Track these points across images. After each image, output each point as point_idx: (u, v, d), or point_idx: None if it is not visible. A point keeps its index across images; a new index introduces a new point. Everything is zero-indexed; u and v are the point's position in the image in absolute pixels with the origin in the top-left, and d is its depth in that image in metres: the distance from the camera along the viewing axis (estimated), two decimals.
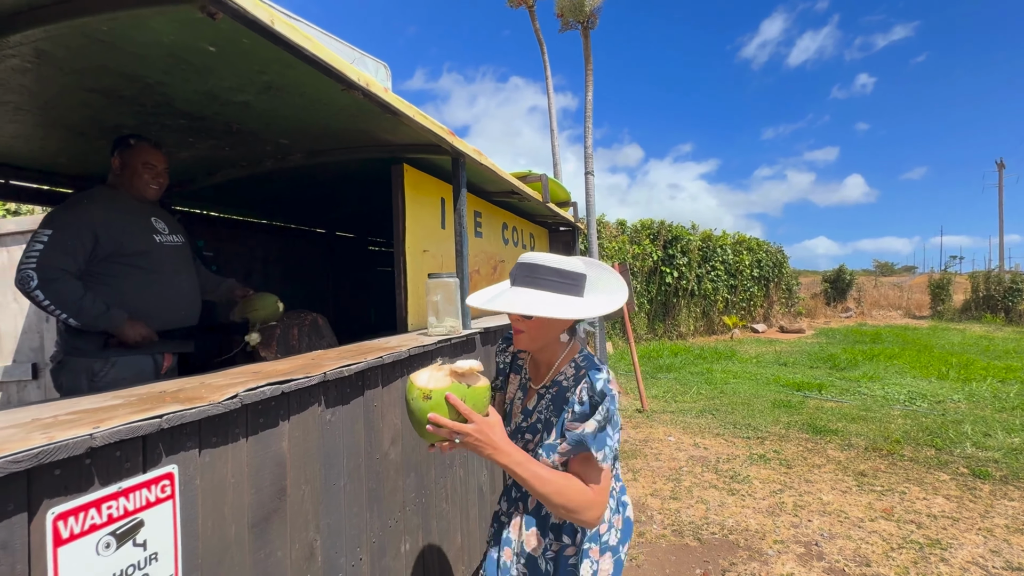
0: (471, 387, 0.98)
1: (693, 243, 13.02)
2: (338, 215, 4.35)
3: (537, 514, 1.16)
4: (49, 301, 1.70)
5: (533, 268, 1.09)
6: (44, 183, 2.42)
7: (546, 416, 1.13)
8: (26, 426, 0.77)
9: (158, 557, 0.82)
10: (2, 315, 2.76)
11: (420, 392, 0.96)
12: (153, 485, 0.82)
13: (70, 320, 1.74)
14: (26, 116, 1.77)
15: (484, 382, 1.02)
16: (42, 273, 1.68)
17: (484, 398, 1.01)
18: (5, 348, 2.74)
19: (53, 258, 1.70)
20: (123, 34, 1.31)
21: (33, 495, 0.67)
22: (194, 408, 0.88)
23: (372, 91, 1.57)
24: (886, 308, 19.00)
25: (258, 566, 1.03)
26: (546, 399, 1.15)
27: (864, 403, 5.72)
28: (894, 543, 2.76)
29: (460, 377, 0.98)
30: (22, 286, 1.69)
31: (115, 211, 1.87)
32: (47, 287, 1.69)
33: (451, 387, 0.96)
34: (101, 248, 1.81)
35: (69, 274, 1.74)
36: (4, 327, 2.75)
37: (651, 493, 3.49)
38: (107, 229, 1.81)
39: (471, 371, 0.99)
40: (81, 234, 1.76)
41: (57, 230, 1.73)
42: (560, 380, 1.14)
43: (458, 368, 0.99)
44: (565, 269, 1.08)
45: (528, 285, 1.08)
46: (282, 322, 2.31)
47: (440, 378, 0.97)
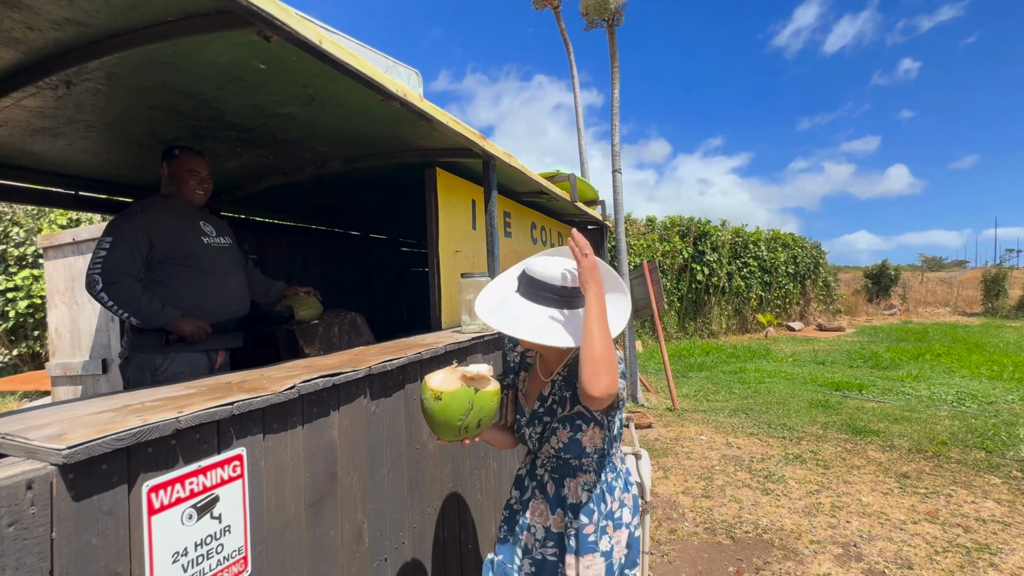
0: (479, 391, 1.05)
1: (724, 239, 12.74)
2: (373, 218, 4.50)
3: (558, 496, 1.22)
4: (113, 302, 1.86)
5: (538, 285, 1.13)
6: (109, 193, 2.62)
7: (560, 394, 1.20)
8: (121, 410, 0.87)
9: (231, 530, 0.92)
10: (80, 315, 3.00)
11: (432, 392, 1.03)
12: (226, 465, 0.91)
13: (131, 318, 1.90)
14: (96, 133, 1.94)
15: (493, 386, 1.08)
16: (106, 276, 1.86)
17: (491, 402, 1.08)
18: (84, 345, 2.99)
19: (115, 262, 1.87)
20: (185, 56, 1.43)
21: (132, 469, 0.77)
22: (259, 397, 0.97)
23: (409, 100, 1.65)
24: (933, 305, 18.08)
25: (314, 543, 1.12)
26: (559, 381, 1.21)
27: (908, 403, 5.50)
28: (939, 546, 2.68)
29: (469, 381, 1.05)
30: (90, 289, 1.87)
31: (167, 217, 2.02)
32: (110, 289, 1.86)
33: (460, 391, 1.03)
34: (156, 252, 1.97)
35: (129, 276, 1.91)
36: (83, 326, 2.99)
37: (683, 491, 3.47)
38: (160, 234, 1.97)
39: (479, 376, 1.05)
40: (138, 239, 1.92)
41: (117, 237, 1.90)
42: (571, 363, 1.21)
43: (467, 372, 1.05)
44: (568, 287, 1.12)
45: (534, 300, 1.13)
46: (323, 320, 2.44)
47: (452, 381, 1.04)
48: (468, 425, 1.06)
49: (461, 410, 1.03)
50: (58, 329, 3.14)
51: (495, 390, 1.09)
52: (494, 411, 1.10)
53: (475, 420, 1.06)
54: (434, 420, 1.05)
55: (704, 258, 12.32)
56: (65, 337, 3.11)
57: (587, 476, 1.21)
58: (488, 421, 1.11)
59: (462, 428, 1.06)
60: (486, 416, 1.09)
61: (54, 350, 3.16)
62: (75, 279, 3.08)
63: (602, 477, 1.23)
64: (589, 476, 1.21)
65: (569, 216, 4.71)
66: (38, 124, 1.81)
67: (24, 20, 1.24)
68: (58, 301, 3.14)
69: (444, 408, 1.02)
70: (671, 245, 11.97)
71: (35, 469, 0.66)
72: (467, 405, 1.03)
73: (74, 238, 3.05)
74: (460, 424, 1.05)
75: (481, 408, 1.06)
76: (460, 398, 1.03)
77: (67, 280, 3.11)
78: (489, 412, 1.09)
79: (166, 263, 2.00)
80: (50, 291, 3.18)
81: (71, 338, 3.08)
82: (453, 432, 1.06)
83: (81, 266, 3.05)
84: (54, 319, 3.15)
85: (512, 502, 1.33)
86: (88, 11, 1.21)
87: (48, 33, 1.30)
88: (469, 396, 1.04)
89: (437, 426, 1.06)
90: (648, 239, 11.77)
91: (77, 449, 0.69)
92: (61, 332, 3.13)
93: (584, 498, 1.19)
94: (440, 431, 1.07)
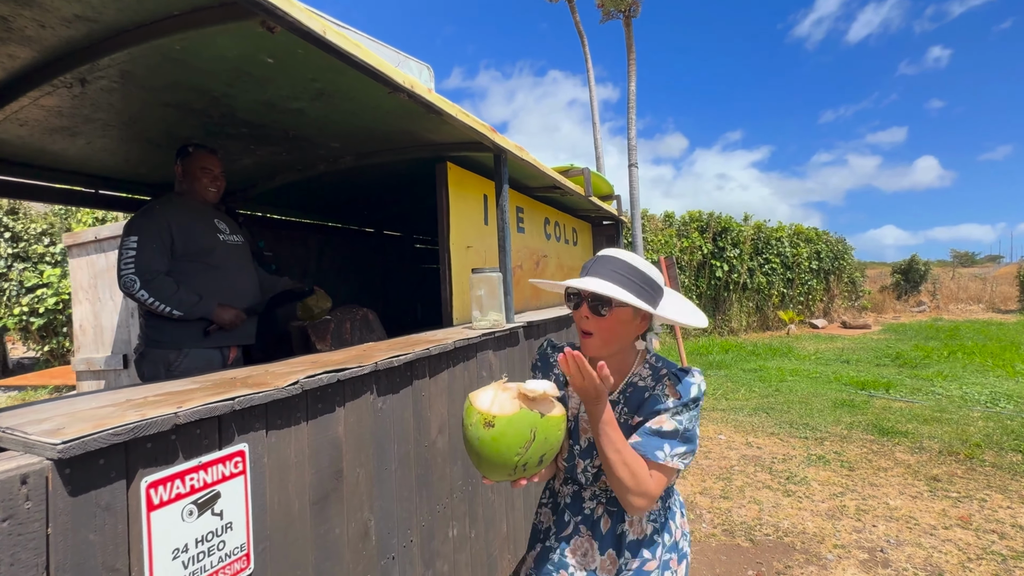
0: (545, 416, 0.82)
1: (745, 234, 12.47)
2: (385, 214, 4.51)
3: (613, 535, 1.07)
4: (153, 298, 1.91)
5: (616, 263, 1.00)
6: (127, 191, 2.67)
7: (623, 420, 1.05)
8: (121, 405, 0.87)
9: (232, 527, 0.91)
10: (103, 311, 3.08)
11: (482, 417, 0.80)
12: (227, 461, 0.90)
13: (173, 312, 1.95)
14: (113, 131, 1.96)
15: (559, 410, 0.87)
16: (142, 275, 1.91)
17: (559, 430, 0.85)
18: (106, 340, 3.07)
19: (147, 260, 1.92)
20: (194, 52, 1.43)
21: (130, 464, 0.76)
22: (261, 392, 0.96)
23: (416, 92, 1.62)
24: (966, 302, 17.41)
25: (318, 540, 1.11)
26: (620, 404, 1.06)
27: (938, 403, 5.29)
28: (972, 553, 2.56)
29: (531, 403, 0.82)
30: (127, 289, 1.91)
31: (184, 214, 2.06)
32: (148, 286, 1.91)
33: (520, 415, 0.80)
34: (176, 248, 2.01)
35: (161, 273, 1.96)
36: (105, 322, 3.07)
37: (700, 492, 3.40)
38: (179, 230, 2.01)
39: (544, 396, 0.82)
40: (161, 236, 1.96)
41: (142, 236, 1.93)
42: (635, 381, 1.06)
43: (527, 391, 0.82)
44: (648, 274, 1.00)
45: (606, 278, 0.98)
46: (335, 316, 2.44)
47: (506, 401, 0.82)
48: (528, 462, 0.82)
49: (520, 441, 0.79)
50: (82, 325, 3.23)
51: (562, 415, 0.87)
52: (560, 442, 0.86)
53: (537, 455, 0.82)
54: (482, 454, 0.81)
55: (724, 254, 12.09)
56: (89, 333, 3.19)
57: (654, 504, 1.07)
58: (552, 455, 0.87)
59: (519, 466, 0.81)
60: (550, 450, 0.85)
61: (79, 345, 3.25)
62: (97, 276, 3.16)
63: (666, 503, 1.10)
64: (655, 504, 1.07)
65: (584, 211, 4.65)
66: (56, 123, 1.84)
67: (36, 18, 1.25)
68: (82, 297, 3.22)
69: (498, 439, 0.78)
70: (690, 241, 11.77)
71: (30, 464, 0.66)
72: (528, 435, 0.80)
73: (96, 236, 3.13)
74: (518, 460, 0.80)
75: (546, 439, 0.82)
76: (520, 425, 0.79)
77: (90, 277, 3.19)
78: (556, 444, 0.85)
79: (183, 259, 2.03)
80: (74, 288, 3.27)
81: (94, 334, 3.16)
82: (507, 470, 0.82)
83: (103, 264, 3.12)
84: (78, 315, 3.23)
85: (543, 536, 1.16)
86: (96, 7, 1.22)
87: (60, 30, 1.31)
88: (532, 423, 0.80)
89: (485, 462, 0.82)
90: (666, 235, 11.59)
91: (72, 444, 0.68)
92: (85, 328, 3.22)
93: (650, 530, 1.06)
94: (488, 469, 0.83)
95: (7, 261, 7.66)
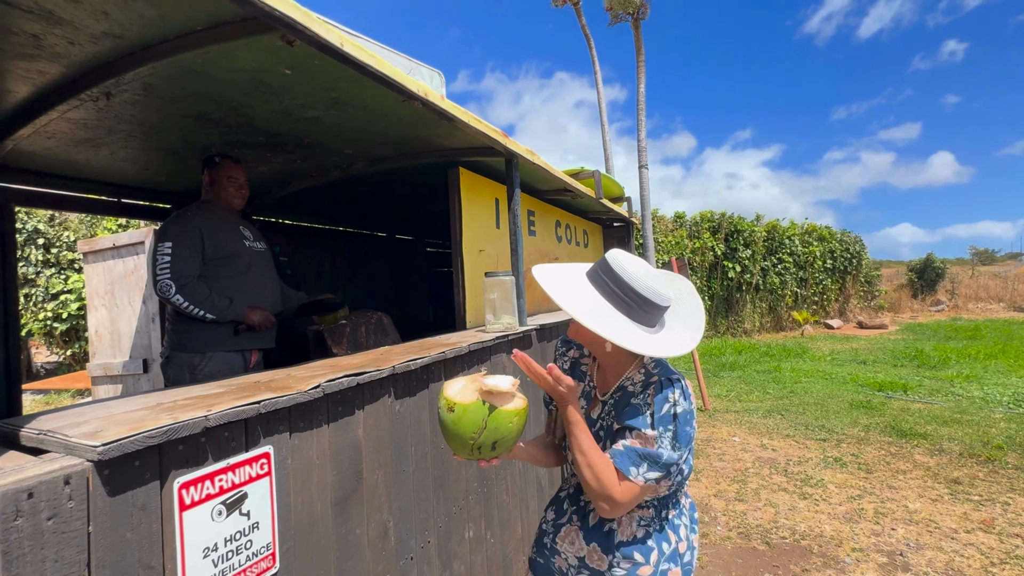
0: (496, 409, 0.91)
1: (757, 235, 12.35)
2: (398, 219, 4.56)
3: (599, 530, 1.09)
4: (188, 302, 1.98)
5: (614, 277, 0.99)
6: (149, 200, 2.74)
7: (608, 423, 1.08)
8: (154, 409, 0.90)
9: (259, 526, 0.94)
10: (120, 317, 3.16)
11: (446, 402, 0.92)
12: (254, 463, 0.93)
13: (206, 315, 2.01)
14: (135, 142, 2.02)
15: (517, 404, 0.94)
16: (177, 280, 1.98)
17: (511, 422, 0.93)
18: (124, 346, 3.14)
19: (181, 266, 1.99)
20: (214, 64, 1.47)
21: (164, 466, 0.79)
22: (285, 396, 0.98)
23: (430, 100, 1.65)
24: (986, 300, 17.04)
25: (340, 540, 1.13)
26: (609, 405, 1.09)
27: (958, 404, 5.20)
28: (995, 557, 2.51)
29: (487, 395, 0.92)
30: (163, 294, 1.98)
31: (212, 221, 2.13)
32: (183, 291, 1.98)
33: (474, 405, 0.91)
34: (206, 253, 2.09)
35: (195, 278, 2.03)
36: (123, 328, 3.15)
37: (715, 494, 3.38)
38: (209, 235, 2.08)
39: (496, 390, 0.91)
40: (193, 242, 2.04)
41: (175, 242, 2.00)
42: (626, 386, 1.07)
43: (485, 385, 0.92)
44: (644, 295, 0.98)
45: (603, 293, 1.00)
46: (351, 321, 2.48)
47: (469, 391, 0.93)
48: (482, 445, 0.93)
49: (473, 428, 0.91)
50: (98, 331, 3.31)
51: (517, 409, 0.94)
52: (515, 434, 0.95)
53: (489, 441, 0.93)
54: (446, 432, 0.94)
55: (736, 255, 11.98)
56: (105, 338, 3.27)
57: (644, 511, 1.07)
58: (507, 445, 0.96)
59: (475, 448, 0.93)
60: (503, 439, 0.94)
61: (94, 351, 3.33)
62: (115, 282, 3.23)
63: (662, 513, 1.09)
64: (647, 511, 1.07)
65: (595, 213, 4.65)
66: (82, 135, 1.90)
67: (65, 35, 1.30)
68: (98, 303, 3.30)
69: (456, 422, 0.91)
70: (701, 242, 11.69)
71: (72, 465, 0.69)
72: (480, 423, 0.91)
73: (115, 243, 3.20)
74: (472, 443, 0.92)
75: (496, 428, 0.91)
76: (474, 414, 0.91)
77: (107, 283, 3.26)
78: (507, 435, 0.93)
79: (212, 264, 2.11)
80: (90, 294, 3.35)
81: (111, 339, 3.24)
82: (467, 449, 0.94)
83: (121, 270, 3.20)
84: (94, 321, 3.32)
85: (544, 524, 1.22)
86: (123, 24, 1.26)
87: (87, 47, 1.36)
88: (484, 414, 0.91)
89: (450, 439, 0.95)
90: (677, 235, 11.53)
91: (111, 446, 0.71)
92: (101, 334, 3.30)
93: (640, 534, 1.06)
94: (453, 446, 0.96)
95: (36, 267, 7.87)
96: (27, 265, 7.80)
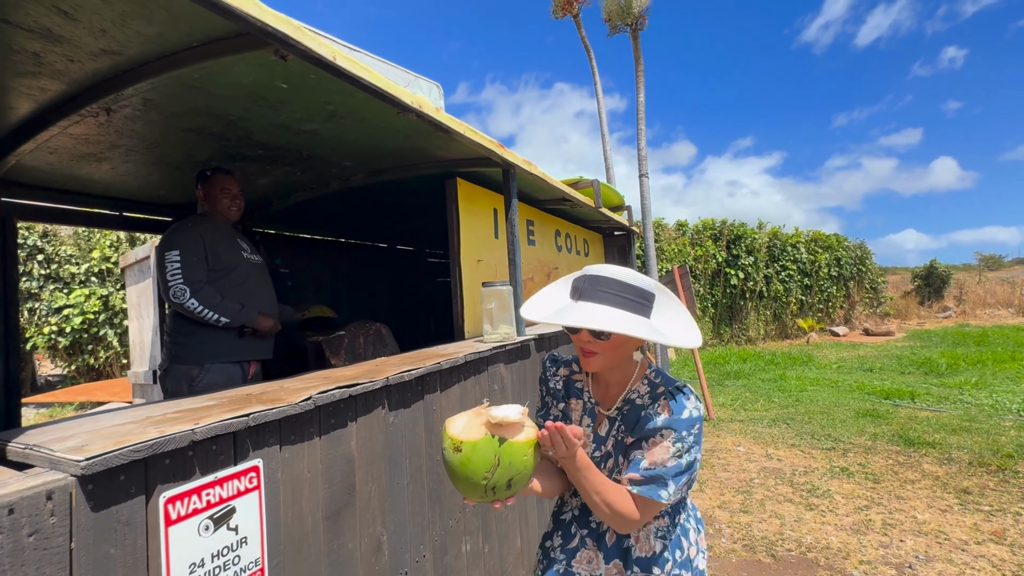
0: (506, 442, 0.84)
1: (759, 242, 12.31)
2: (397, 230, 4.58)
3: (619, 548, 1.07)
4: (202, 307, 2.00)
5: (604, 282, 0.99)
6: (150, 213, 2.76)
7: (620, 437, 1.05)
8: (142, 422, 0.90)
9: (247, 541, 0.92)
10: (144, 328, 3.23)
11: (451, 442, 0.84)
12: (243, 476, 0.92)
13: (220, 319, 2.04)
14: (136, 156, 2.05)
15: (527, 434, 0.87)
16: (191, 286, 2.00)
17: (525, 455, 0.86)
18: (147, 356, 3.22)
19: (192, 272, 2.01)
20: (211, 79, 1.49)
21: (149, 480, 0.78)
22: (275, 408, 0.98)
23: (424, 111, 1.66)
24: (993, 306, 16.87)
25: (331, 555, 1.12)
26: (618, 421, 1.06)
27: (967, 412, 5.12)
28: (1007, 570, 2.45)
29: (495, 428, 0.85)
30: (177, 300, 1.99)
31: (212, 232, 2.15)
32: (198, 296, 2.00)
33: (483, 440, 0.83)
34: (208, 262, 2.11)
35: (206, 284, 2.05)
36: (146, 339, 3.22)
37: (719, 505, 3.33)
38: (210, 245, 2.10)
39: (506, 422, 0.85)
40: (198, 250, 2.06)
41: (182, 249, 2.03)
42: (633, 399, 1.06)
43: (493, 418, 0.85)
44: (637, 286, 0.99)
45: (598, 300, 0.98)
46: (349, 331, 2.48)
47: (475, 427, 0.85)
48: (496, 485, 0.85)
49: (485, 466, 0.83)
50: (133, 341, 3.40)
51: (530, 440, 0.86)
52: (530, 468, 0.87)
53: (503, 479, 0.85)
54: (455, 475, 0.85)
55: (739, 262, 11.94)
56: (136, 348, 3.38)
57: (660, 521, 1.05)
58: (522, 481, 0.88)
59: (488, 489, 0.84)
60: (519, 474, 0.86)
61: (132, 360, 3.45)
62: (140, 295, 3.32)
63: (676, 520, 1.07)
64: (662, 521, 1.05)
65: (595, 222, 4.66)
66: (83, 150, 1.93)
67: (65, 53, 1.33)
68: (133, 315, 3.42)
69: (465, 463, 0.82)
70: (703, 249, 11.66)
71: (55, 480, 0.68)
72: (492, 460, 0.83)
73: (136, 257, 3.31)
74: (486, 484, 0.84)
75: (511, 464, 0.84)
76: (484, 451, 0.83)
77: (136, 296, 3.36)
78: (523, 469, 0.86)
79: (211, 274, 2.12)
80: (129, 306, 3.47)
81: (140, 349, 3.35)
82: (479, 492, 0.85)
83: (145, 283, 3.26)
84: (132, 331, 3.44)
85: (550, 547, 1.16)
86: (121, 41, 1.28)
87: (87, 64, 1.38)
88: (495, 449, 0.83)
89: (459, 483, 0.86)
90: (679, 243, 11.52)
91: (95, 460, 0.70)
92: (135, 343, 3.39)
93: (658, 548, 1.04)
94: (463, 489, 0.87)
95: (39, 282, 7.94)
96: (30, 280, 7.87)
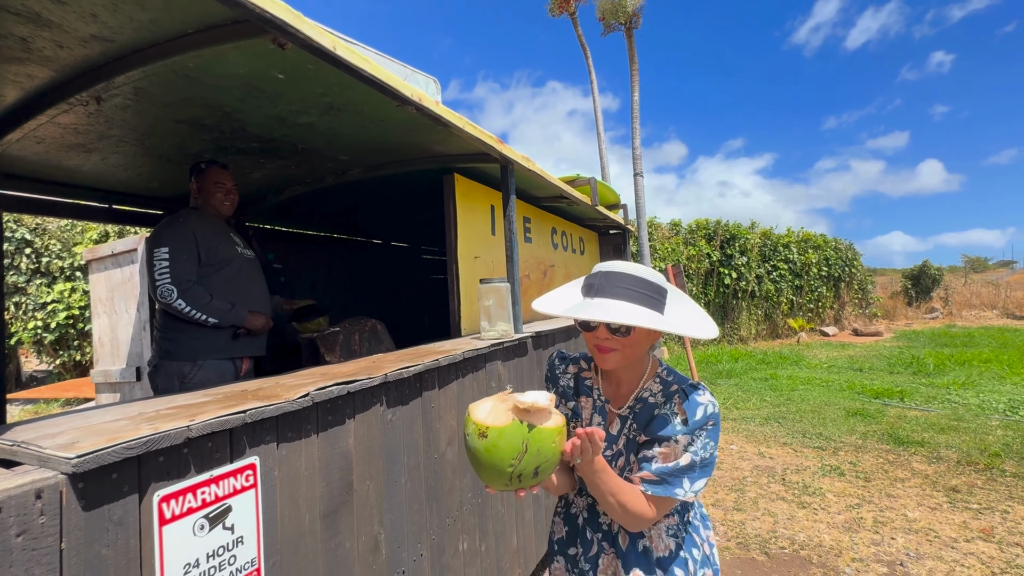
0: (535, 428, 0.82)
1: (752, 242, 12.40)
2: (394, 226, 4.54)
3: (635, 551, 1.04)
4: (190, 307, 1.96)
5: (620, 278, 0.97)
6: (140, 206, 2.71)
7: (632, 436, 1.04)
8: (135, 419, 0.87)
9: (243, 540, 0.90)
10: (119, 324, 3.13)
11: (476, 427, 0.82)
12: (239, 474, 0.90)
13: (208, 319, 1.99)
14: (127, 147, 2.00)
15: (555, 421, 0.86)
16: (179, 285, 1.95)
17: (553, 442, 0.84)
18: (121, 353, 3.11)
19: (181, 271, 1.97)
20: (206, 68, 1.46)
21: (143, 478, 0.76)
22: (272, 405, 0.96)
23: (424, 105, 1.64)
24: (979, 308, 17.14)
25: (328, 554, 1.10)
26: (630, 420, 1.05)
27: (955, 412, 5.19)
28: (996, 567, 2.48)
29: (523, 414, 0.83)
30: (164, 299, 1.95)
31: (205, 226, 2.11)
32: (185, 295, 1.96)
33: (511, 427, 0.81)
34: (200, 258, 2.06)
35: (194, 283, 2.01)
36: (121, 335, 3.12)
37: (713, 503, 3.34)
38: (203, 240, 2.06)
39: (535, 407, 0.83)
40: (188, 247, 2.02)
41: (172, 247, 1.98)
42: (645, 396, 1.05)
43: (521, 403, 0.83)
44: (655, 282, 0.98)
45: (615, 296, 0.96)
46: (344, 328, 2.45)
47: (501, 412, 0.83)
48: (523, 473, 0.83)
49: (513, 452, 0.81)
50: (101, 338, 3.28)
51: (559, 426, 0.85)
52: (557, 455, 0.86)
53: (531, 466, 0.83)
54: (479, 463, 0.83)
55: (732, 262, 12.02)
56: (106, 345, 3.24)
57: (670, 520, 1.05)
58: (549, 468, 0.86)
59: (514, 476, 0.83)
60: (546, 462, 0.84)
61: (97, 358, 3.30)
62: (114, 289, 3.20)
63: (685, 517, 1.07)
64: (672, 519, 1.05)
65: (591, 221, 4.65)
66: (72, 140, 1.88)
67: (54, 38, 1.28)
68: (100, 311, 3.27)
69: (491, 449, 0.80)
70: (697, 249, 11.72)
71: (45, 478, 0.66)
72: (520, 447, 0.81)
73: (113, 250, 3.18)
74: (512, 471, 0.82)
75: (539, 451, 0.82)
76: (512, 437, 0.81)
77: (108, 290, 3.24)
78: (551, 456, 0.84)
79: (204, 269, 2.09)
80: (94, 301, 3.32)
81: (111, 346, 3.21)
82: (504, 480, 0.83)
83: (119, 277, 3.17)
84: (97, 328, 3.29)
85: (575, 555, 1.12)
86: (112, 27, 1.24)
87: (76, 50, 1.34)
88: (523, 435, 0.81)
89: (484, 471, 0.84)
90: (673, 243, 11.56)
91: (87, 458, 0.68)
92: (103, 341, 3.26)
93: (673, 546, 1.03)
94: (487, 477, 0.84)
95: (27, 276, 7.79)
96: (17, 274, 7.72)
